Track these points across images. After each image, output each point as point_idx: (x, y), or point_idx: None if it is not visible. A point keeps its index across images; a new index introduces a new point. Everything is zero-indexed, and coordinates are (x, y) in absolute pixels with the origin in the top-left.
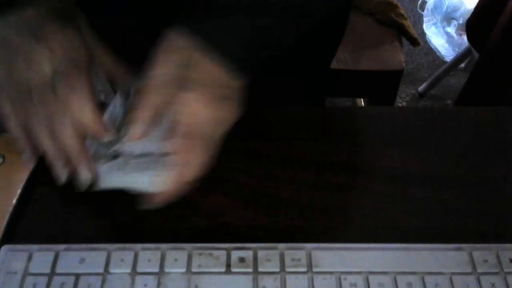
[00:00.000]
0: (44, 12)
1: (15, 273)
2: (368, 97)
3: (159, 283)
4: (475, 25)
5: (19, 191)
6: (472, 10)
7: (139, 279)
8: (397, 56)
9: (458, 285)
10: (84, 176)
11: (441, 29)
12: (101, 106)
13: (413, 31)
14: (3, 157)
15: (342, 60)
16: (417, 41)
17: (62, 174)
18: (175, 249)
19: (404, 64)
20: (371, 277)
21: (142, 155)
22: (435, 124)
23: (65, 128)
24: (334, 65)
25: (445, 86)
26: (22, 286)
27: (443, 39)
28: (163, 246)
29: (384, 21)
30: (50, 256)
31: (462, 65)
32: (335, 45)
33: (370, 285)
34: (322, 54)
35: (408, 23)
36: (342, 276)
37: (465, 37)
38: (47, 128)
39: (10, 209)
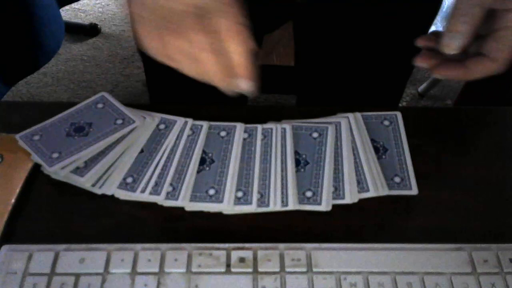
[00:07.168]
0: None
1: (15, 273)
2: None
3: (159, 283)
4: None
5: (18, 190)
6: None
7: (139, 279)
8: None
9: (458, 285)
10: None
11: (441, 29)
12: None
13: None
14: (2, 157)
15: None
16: None
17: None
18: (175, 249)
19: None
20: (371, 277)
21: None
22: (435, 124)
23: (210, 60)
24: None
25: (445, 86)
26: (22, 286)
27: None
28: (163, 246)
29: None
30: (50, 256)
31: None
32: None
33: (370, 285)
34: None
35: None
36: (342, 276)
37: None
38: (187, 57)
39: (9, 208)
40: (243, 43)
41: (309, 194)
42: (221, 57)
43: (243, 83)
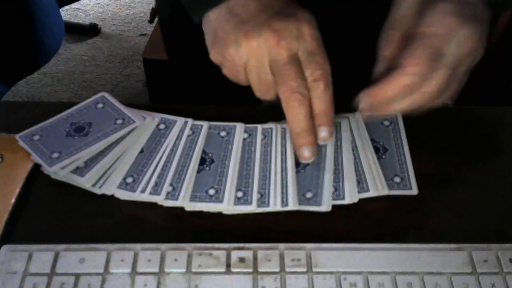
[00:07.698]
0: None
1: (15, 273)
2: None
3: (159, 283)
4: None
5: (18, 190)
6: None
7: (139, 279)
8: None
9: (458, 285)
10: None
11: None
12: None
13: None
14: (2, 157)
15: None
16: None
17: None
18: (175, 249)
19: None
20: (371, 277)
21: None
22: (435, 124)
23: (299, 106)
24: None
25: None
26: (22, 286)
27: None
28: (163, 246)
29: None
30: (50, 256)
31: None
32: None
33: (370, 285)
34: None
35: None
36: (342, 276)
37: None
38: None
39: (9, 208)
40: (329, 92)
41: (309, 195)
42: (308, 105)
43: (323, 132)
